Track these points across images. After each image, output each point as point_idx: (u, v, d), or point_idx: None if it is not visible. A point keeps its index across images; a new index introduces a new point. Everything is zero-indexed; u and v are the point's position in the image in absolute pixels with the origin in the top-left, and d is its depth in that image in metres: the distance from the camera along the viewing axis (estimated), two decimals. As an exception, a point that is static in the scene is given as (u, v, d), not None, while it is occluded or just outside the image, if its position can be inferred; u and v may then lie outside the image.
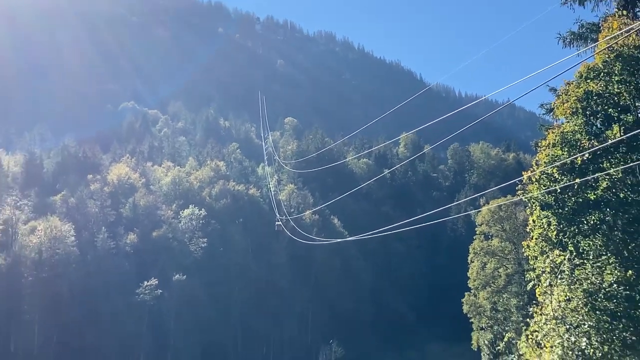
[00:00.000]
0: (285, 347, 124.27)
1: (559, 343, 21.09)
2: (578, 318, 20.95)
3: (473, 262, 69.09)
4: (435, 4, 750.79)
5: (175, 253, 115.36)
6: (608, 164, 22.03)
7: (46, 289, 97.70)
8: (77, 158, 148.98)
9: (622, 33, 22.53)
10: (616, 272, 21.16)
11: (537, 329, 22.72)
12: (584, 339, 20.59)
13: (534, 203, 23.74)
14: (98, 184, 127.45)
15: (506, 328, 61.75)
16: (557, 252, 22.85)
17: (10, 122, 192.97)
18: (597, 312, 20.62)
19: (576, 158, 21.95)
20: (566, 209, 22.55)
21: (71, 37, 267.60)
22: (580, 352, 20.66)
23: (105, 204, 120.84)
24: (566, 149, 22.90)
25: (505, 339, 58.22)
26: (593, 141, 22.93)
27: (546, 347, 21.77)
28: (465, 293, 69.86)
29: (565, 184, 22.11)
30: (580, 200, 22.33)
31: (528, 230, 24.98)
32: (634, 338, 20.29)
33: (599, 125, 23.96)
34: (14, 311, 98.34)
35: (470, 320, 69.31)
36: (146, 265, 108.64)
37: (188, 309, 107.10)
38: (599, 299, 20.78)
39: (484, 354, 67.97)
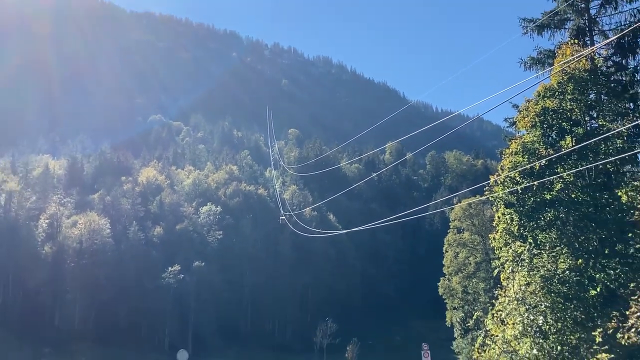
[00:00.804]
0: (288, 323, 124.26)
1: (519, 321, 21.12)
2: (536, 299, 20.97)
3: (447, 251, 68.99)
4: (417, 32, 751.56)
5: (195, 243, 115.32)
6: (562, 169, 22.08)
7: (85, 274, 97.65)
8: (113, 162, 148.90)
9: (574, 58, 22.64)
10: (568, 260, 21.22)
11: (501, 309, 22.70)
12: (541, 317, 20.62)
13: (499, 202, 23.72)
14: (130, 184, 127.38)
15: (475, 308, 61.57)
16: (518, 243, 22.86)
17: (55, 132, 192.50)
18: (552, 294, 20.64)
19: (535, 164, 21.99)
20: (526, 207, 22.57)
21: (108, 59, 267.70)
22: (538, 328, 20.70)
23: (136, 201, 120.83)
24: (526, 156, 22.91)
25: (474, 317, 57.99)
26: (549, 150, 22.96)
27: (509, 324, 21.78)
28: (441, 278, 69.71)
29: (526, 186, 22.16)
30: (538, 199, 22.36)
31: (494, 225, 24.90)
32: (583, 317, 20.35)
33: (554, 136, 23.97)
34: (58, 292, 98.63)
35: (445, 301, 69.14)
36: (171, 253, 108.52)
37: (206, 291, 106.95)
38: (554, 284, 20.81)
39: (456, 330, 67.86)
